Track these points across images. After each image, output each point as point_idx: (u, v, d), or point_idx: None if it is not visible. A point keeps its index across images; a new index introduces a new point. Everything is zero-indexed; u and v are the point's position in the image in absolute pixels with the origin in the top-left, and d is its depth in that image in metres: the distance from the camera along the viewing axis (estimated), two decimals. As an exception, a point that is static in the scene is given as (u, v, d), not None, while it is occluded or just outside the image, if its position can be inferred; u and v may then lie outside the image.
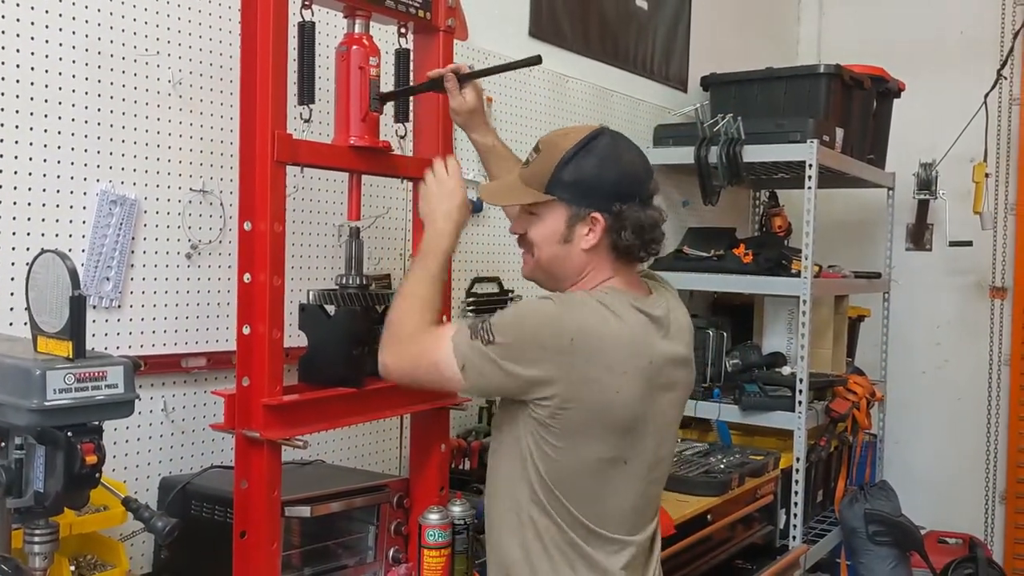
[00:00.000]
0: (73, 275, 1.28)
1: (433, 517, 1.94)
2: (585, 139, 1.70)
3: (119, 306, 1.98)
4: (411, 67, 2.14)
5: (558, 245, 1.71)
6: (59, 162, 1.88)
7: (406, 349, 1.69)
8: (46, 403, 1.25)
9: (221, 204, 2.15)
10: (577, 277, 1.73)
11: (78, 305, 1.27)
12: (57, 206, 1.88)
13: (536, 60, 1.97)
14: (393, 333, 1.71)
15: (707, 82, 3.97)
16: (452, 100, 1.97)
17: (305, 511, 1.89)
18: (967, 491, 4.59)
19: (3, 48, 1.79)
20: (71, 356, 1.28)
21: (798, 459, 3.30)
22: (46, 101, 1.85)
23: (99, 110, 1.94)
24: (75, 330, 1.28)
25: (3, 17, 1.78)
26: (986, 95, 4.20)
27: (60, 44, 1.87)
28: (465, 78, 1.97)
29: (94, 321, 1.92)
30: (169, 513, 1.50)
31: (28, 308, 1.36)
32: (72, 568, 1.69)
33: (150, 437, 2.04)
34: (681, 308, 1.82)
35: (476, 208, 2.84)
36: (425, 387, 1.83)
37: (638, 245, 1.69)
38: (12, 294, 1.79)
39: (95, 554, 1.79)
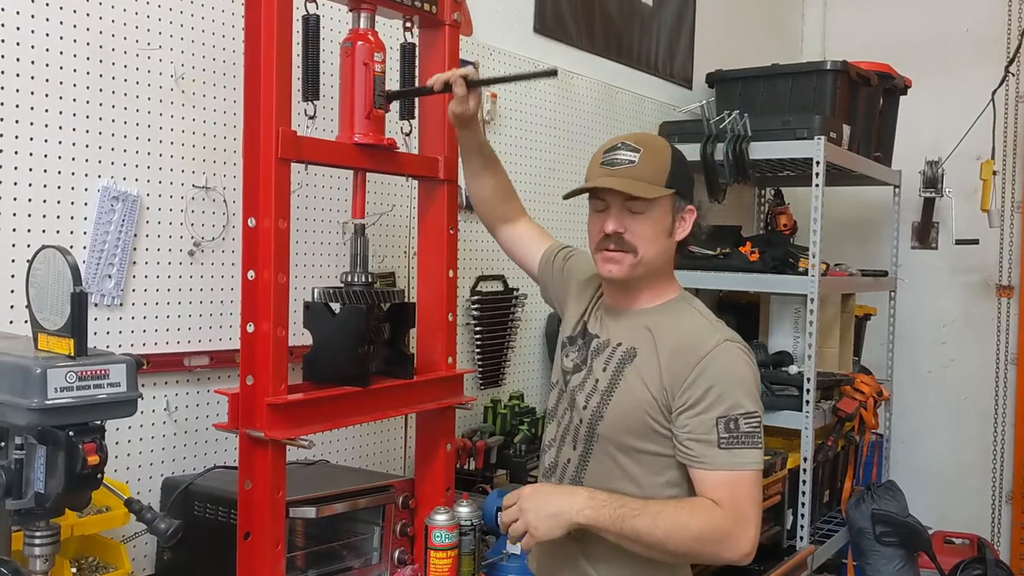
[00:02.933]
0: (74, 271, 1.25)
1: (440, 518, 1.92)
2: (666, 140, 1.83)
3: (121, 304, 1.95)
4: (416, 62, 2.11)
5: (664, 237, 1.75)
6: (60, 157, 1.85)
7: (751, 520, 1.61)
8: (47, 402, 1.22)
9: (224, 201, 2.12)
10: (664, 268, 1.80)
11: (79, 301, 1.24)
12: (58, 202, 1.85)
13: (552, 73, 1.95)
14: (716, 542, 1.59)
15: (712, 79, 3.94)
16: (455, 104, 1.95)
17: (310, 512, 1.87)
18: (973, 491, 4.56)
19: (3, 41, 1.76)
20: (72, 354, 1.26)
21: (805, 459, 3.27)
22: (47, 96, 1.83)
23: (101, 105, 1.91)
24: (76, 327, 1.25)
25: (3, 10, 1.76)
26: (993, 92, 4.17)
27: (61, 38, 1.84)
28: (475, 84, 1.94)
29: (96, 319, 1.90)
30: (172, 514, 1.48)
31: (28, 305, 1.33)
32: (73, 570, 1.67)
33: (152, 437, 2.01)
34: None
35: (481, 205, 2.82)
36: None
37: (698, 234, 1.82)
38: (12, 291, 1.76)
39: (97, 556, 1.76)
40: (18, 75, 1.78)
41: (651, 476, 1.71)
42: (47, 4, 1.82)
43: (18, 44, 1.78)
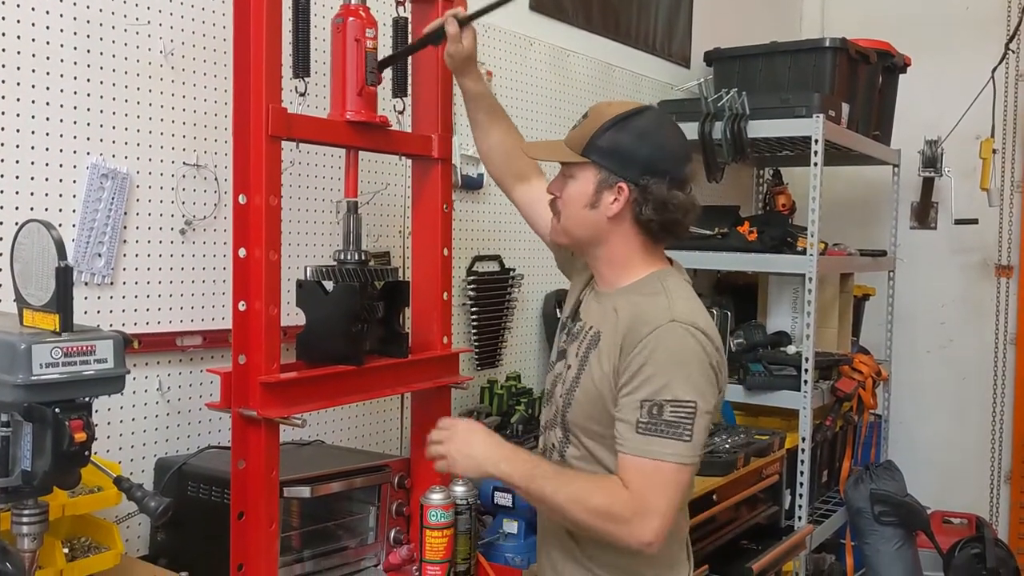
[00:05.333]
0: (59, 245, 1.23)
1: (435, 497, 1.90)
2: (631, 111, 1.68)
3: (111, 283, 1.93)
4: (409, 38, 2.09)
5: (584, 209, 1.68)
6: (48, 134, 1.82)
7: (654, 512, 1.55)
8: (32, 378, 1.21)
9: (216, 178, 2.10)
10: (601, 245, 1.71)
11: (64, 276, 1.23)
12: (46, 180, 1.82)
13: None
14: (613, 522, 1.56)
15: (710, 57, 3.91)
16: (451, 45, 1.93)
17: (305, 491, 1.85)
18: (972, 471, 4.56)
19: (-12, 16, 1.74)
20: (58, 329, 1.24)
21: (804, 439, 3.26)
22: (34, 71, 1.80)
23: (89, 80, 1.88)
24: (62, 302, 1.23)
25: (-12, -16, 1.73)
26: (993, 70, 4.14)
27: (47, 12, 1.81)
28: (465, 20, 1.93)
29: (86, 298, 1.88)
30: (165, 494, 1.46)
31: (13, 280, 1.31)
32: (65, 551, 1.65)
33: (145, 417, 2.00)
34: None
35: (475, 184, 2.80)
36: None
37: (657, 223, 1.66)
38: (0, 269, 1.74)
39: (89, 536, 1.75)
40: (4, 50, 1.75)
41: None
42: (33, -22, 1.79)
43: (3, 18, 1.75)
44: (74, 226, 1.86)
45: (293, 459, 1.97)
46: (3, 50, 1.75)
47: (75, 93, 1.86)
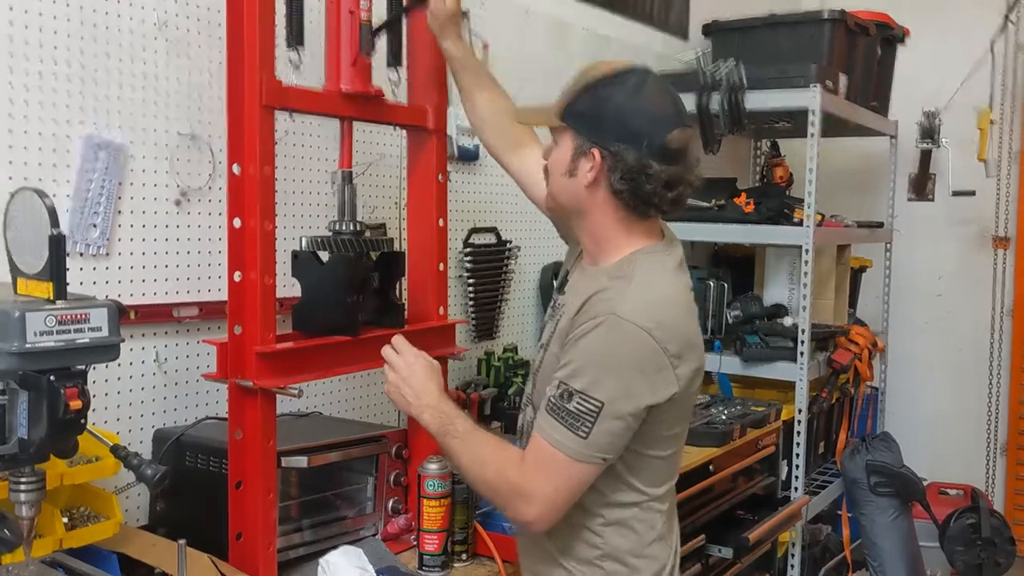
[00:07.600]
0: (51, 213, 1.23)
1: (432, 467, 1.91)
2: (613, 72, 1.58)
3: (107, 254, 1.93)
4: (404, 2, 2.07)
5: (564, 177, 1.60)
6: (41, 104, 1.82)
7: (535, 496, 1.52)
8: (26, 346, 1.21)
9: (211, 149, 2.10)
10: (582, 216, 1.63)
11: (57, 244, 1.23)
12: (40, 150, 1.82)
13: None
14: (501, 495, 1.57)
15: (708, 29, 3.89)
16: (434, 2, 1.91)
17: (302, 461, 1.86)
18: (968, 443, 4.59)
19: (-21, -14, 1.72)
20: (51, 297, 1.24)
21: (800, 410, 3.28)
22: (27, 42, 1.79)
23: (83, 52, 1.87)
24: (55, 270, 1.23)
25: (-22, -47, 1.72)
26: (992, 41, 4.12)
27: (39, -18, 1.80)
28: None
29: (82, 269, 1.88)
30: (163, 465, 1.46)
31: (7, 248, 1.31)
32: (65, 520, 1.66)
33: (143, 388, 2.01)
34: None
35: (471, 156, 2.79)
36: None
37: (629, 193, 1.54)
38: (-5, 239, 1.74)
39: (88, 506, 1.76)
40: (-4, 20, 1.75)
41: None
42: (24, -53, 1.78)
43: (-5, -12, 1.74)
44: (68, 196, 1.85)
45: (291, 430, 1.98)
46: (-5, 20, 1.74)
47: (69, 64, 1.85)
